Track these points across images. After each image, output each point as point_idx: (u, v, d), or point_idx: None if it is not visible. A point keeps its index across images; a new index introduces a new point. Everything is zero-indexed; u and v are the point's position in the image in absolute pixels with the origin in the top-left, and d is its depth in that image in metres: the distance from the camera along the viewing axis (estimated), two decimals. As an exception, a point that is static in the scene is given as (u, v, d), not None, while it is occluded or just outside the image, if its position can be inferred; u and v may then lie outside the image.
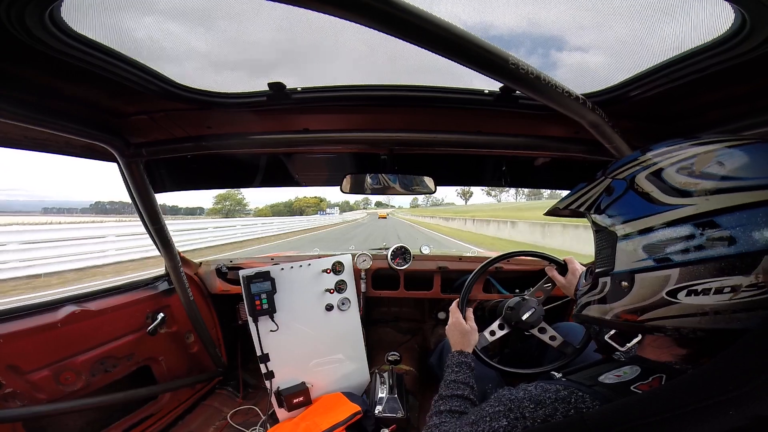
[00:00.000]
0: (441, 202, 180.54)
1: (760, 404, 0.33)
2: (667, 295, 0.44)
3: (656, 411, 0.38)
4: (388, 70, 0.90)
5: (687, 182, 0.44)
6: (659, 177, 0.47)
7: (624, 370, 0.52)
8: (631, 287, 0.48)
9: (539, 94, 0.66)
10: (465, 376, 0.90)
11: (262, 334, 1.51)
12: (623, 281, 0.49)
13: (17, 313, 1.18)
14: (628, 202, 0.49)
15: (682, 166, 0.45)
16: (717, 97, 0.82)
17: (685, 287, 0.42)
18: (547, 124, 1.06)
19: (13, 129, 0.93)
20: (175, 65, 0.83)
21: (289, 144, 1.19)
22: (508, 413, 0.52)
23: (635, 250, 0.47)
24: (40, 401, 1.17)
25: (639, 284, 0.47)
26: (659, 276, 0.44)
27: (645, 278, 0.46)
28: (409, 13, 0.46)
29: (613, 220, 0.51)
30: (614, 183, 0.52)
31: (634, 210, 0.48)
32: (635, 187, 0.49)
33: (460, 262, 2.04)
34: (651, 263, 0.45)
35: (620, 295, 0.50)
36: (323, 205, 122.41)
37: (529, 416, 0.49)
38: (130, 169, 1.22)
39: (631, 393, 0.46)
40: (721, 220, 0.40)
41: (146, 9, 0.68)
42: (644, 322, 0.47)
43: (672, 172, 0.46)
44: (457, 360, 0.95)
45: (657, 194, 0.46)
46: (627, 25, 0.72)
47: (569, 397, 0.48)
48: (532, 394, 0.52)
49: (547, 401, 0.49)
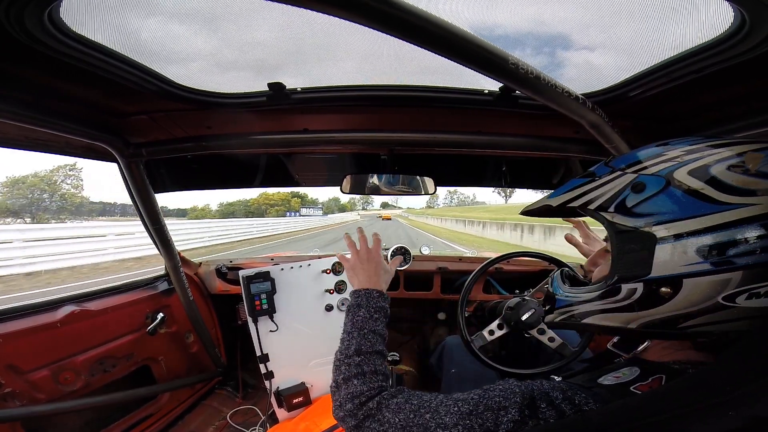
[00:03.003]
0: (471, 200, 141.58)
1: (758, 405, 0.33)
2: (723, 300, 0.41)
3: (656, 411, 0.37)
4: (388, 70, 0.90)
5: (746, 181, 0.41)
6: (706, 173, 0.43)
7: (623, 371, 0.51)
8: (676, 293, 0.43)
9: (539, 94, 0.66)
10: (382, 326, 0.73)
11: (261, 335, 1.51)
12: (664, 287, 0.44)
13: (17, 312, 1.18)
14: (672, 200, 0.44)
15: (733, 164, 0.42)
16: (717, 96, 0.82)
17: (746, 290, 0.40)
18: (547, 124, 1.06)
19: (13, 129, 0.93)
20: (175, 65, 0.83)
21: (288, 144, 1.19)
22: (523, 409, 0.47)
23: (685, 253, 0.42)
24: (39, 401, 1.17)
25: (688, 290, 0.42)
26: (716, 280, 0.41)
27: (697, 283, 0.42)
28: (408, 12, 0.46)
29: (647, 220, 0.45)
30: (643, 179, 0.47)
31: (682, 209, 0.43)
32: (678, 185, 0.44)
33: (460, 263, 2.04)
34: (707, 267, 0.41)
35: (658, 302, 0.45)
36: (295, 204, 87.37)
37: (542, 416, 0.46)
38: (130, 169, 1.22)
39: (631, 394, 0.46)
40: None
41: (146, 9, 0.68)
42: (687, 328, 0.44)
43: (722, 170, 0.42)
44: (377, 304, 0.74)
45: (710, 192, 0.42)
46: (627, 25, 0.72)
47: (573, 398, 0.47)
48: (544, 391, 0.48)
49: (556, 401, 0.47)
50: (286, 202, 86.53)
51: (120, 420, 1.48)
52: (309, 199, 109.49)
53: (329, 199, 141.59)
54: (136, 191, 1.29)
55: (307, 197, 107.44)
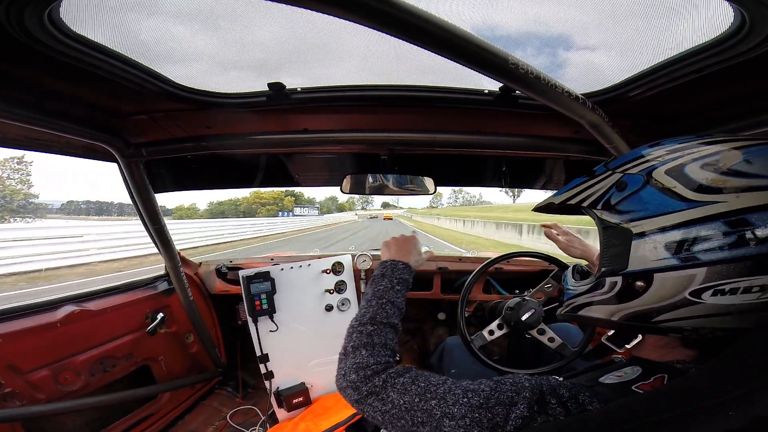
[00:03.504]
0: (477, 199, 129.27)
1: (759, 405, 0.33)
2: (690, 295, 0.42)
3: (657, 410, 0.37)
4: (388, 70, 0.90)
5: (715, 179, 0.42)
6: (681, 173, 0.44)
7: (625, 370, 0.51)
8: (648, 287, 0.45)
9: (539, 94, 0.66)
10: (402, 299, 0.72)
11: (261, 335, 1.51)
12: (638, 281, 0.46)
13: (16, 312, 1.18)
14: (647, 198, 0.46)
15: (707, 163, 0.43)
16: (717, 96, 0.82)
17: (711, 287, 0.41)
18: (547, 124, 1.06)
19: (14, 129, 0.93)
20: (174, 65, 0.83)
21: (288, 144, 1.19)
22: (532, 404, 0.46)
23: (655, 249, 0.44)
24: (39, 401, 1.17)
25: (658, 284, 0.44)
26: (682, 275, 0.42)
27: (666, 278, 0.44)
28: (408, 12, 0.46)
29: (626, 217, 0.48)
30: (626, 178, 0.49)
31: (654, 206, 0.45)
32: (654, 183, 0.46)
33: (460, 263, 2.04)
34: (674, 262, 0.43)
35: (634, 295, 0.47)
36: (288, 203, 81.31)
37: (552, 413, 0.46)
38: (130, 169, 1.22)
39: (632, 393, 0.45)
40: (753, 218, 0.39)
41: (146, 9, 0.68)
42: (659, 323, 0.45)
43: (696, 168, 0.43)
44: (401, 276, 0.75)
45: (680, 190, 0.43)
46: (627, 25, 0.72)
47: (578, 396, 0.47)
48: (552, 387, 0.48)
49: (563, 398, 0.47)
50: (279, 201, 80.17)
51: (120, 420, 1.47)
52: (305, 199, 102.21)
53: (326, 198, 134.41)
54: (136, 191, 1.29)
55: (302, 196, 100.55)
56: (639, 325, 0.48)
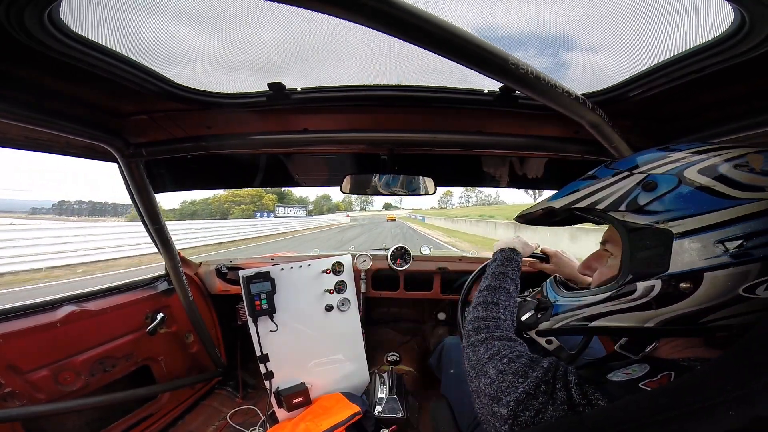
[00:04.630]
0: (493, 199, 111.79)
1: (759, 405, 0.33)
2: (744, 292, 0.42)
3: (662, 409, 0.37)
4: (388, 71, 0.90)
5: (753, 178, 0.43)
6: (716, 172, 0.45)
7: (633, 368, 0.51)
8: (696, 288, 0.44)
9: (539, 94, 0.66)
10: (513, 271, 0.85)
11: (261, 335, 1.51)
12: (683, 282, 0.45)
13: (16, 312, 1.18)
14: (686, 197, 0.46)
15: (738, 164, 0.45)
16: (717, 96, 0.82)
17: (765, 281, 0.41)
18: (547, 124, 1.06)
19: (14, 129, 0.93)
20: (175, 65, 0.83)
21: (288, 144, 1.19)
22: (539, 384, 0.48)
23: (704, 247, 0.43)
24: (39, 401, 1.17)
25: (709, 283, 0.43)
26: (736, 272, 0.42)
27: (718, 276, 0.43)
28: (408, 13, 0.46)
29: (662, 216, 0.47)
30: (654, 178, 0.49)
31: (695, 205, 0.45)
32: (689, 182, 0.46)
33: (460, 263, 2.04)
34: (727, 260, 0.42)
35: (678, 298, 0.45)
36: (268, 202, 70.14)
37: (553, 394, 0.47)
38: (130, 169, 1.22)
39: (639, 390, 0.45)
40: None
41: (146, 9, 0.68)
42: (708, 323, 0.44)
43: (729, 168, 0.44)
44: (508, 255, 0.89)
45: (721, 188, 0.44)
46: (627, 24, 0.72)
47: (583, 386, 0.47)
48: (564, 369, 0.50)
49: (570, 386, 0.48)
50: (257, 200, 70.09)
51: (120, 420, 1.47)
52: (294, 198, 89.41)
53: (319, 197, 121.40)
54: (136, 191, 1.29)
55: (291, 195, 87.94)
56: (681, 328, 0.47)
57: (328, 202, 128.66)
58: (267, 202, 71.44)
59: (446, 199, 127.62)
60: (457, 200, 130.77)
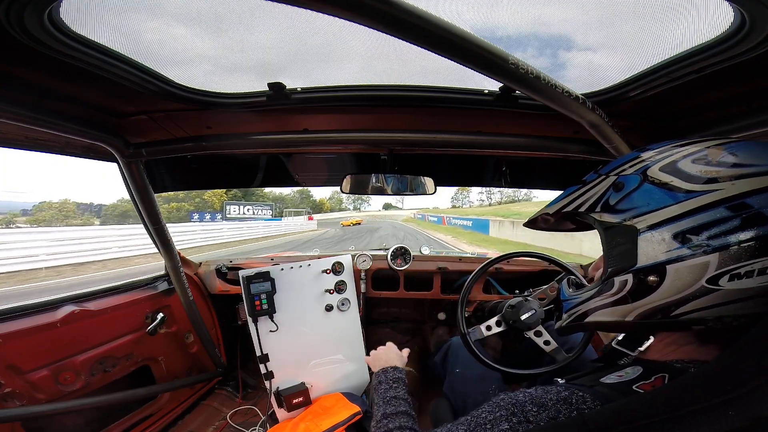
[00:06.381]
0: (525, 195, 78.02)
1: (760, 405, 0.33)
2: (707, 283, 0.42)
3: (658, 411, 0.37)
4: (388, 71, 0.90)
5: (708, 170, 0.44)
6: (675, 168, 0.47)
7: (626, 370, 0.51)
8: (662, 280, 0.45)
9: (539, 94, 0.66)
10: (403, 392, 0.89)
11: (261, 335, 1.51)
12: (651, 275, 0.46)
13: (16, 312, 1.18)
14: (646, 193, 0.48)
15: (697, 158, 0.46)
16: (717, 96, 0.82)
17: (727, 272, 0.41)
18: (547, 124, 1.06)
19: (14, 129, 0.93)
20: (175, 65, 0.83)
21: (288, 144, 1.19)
22: (511, 417, 0.49)
23: (663, 241, 0.45)
24: (39, 401, 1.17)
25: (672, 276, 0.45)
26: (696, 264, 0.43)
27: (679, 268, 0.44)
28: (408, 13, 0.47)
29: (628, 214, 0.49)
30: (622, 179, 0.52)
31: (655, 201, 0.47)
32: (650, 180, 0.48)
33: (460, 263, 2.04)
34: (685, 251, 0.44)
35: (648, 291, 0.47)
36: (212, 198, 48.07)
37: (533, 419, 0.48)
38: (130, 169, 1.22)
39: (633, 393, 0.46)
40: (752, 201, 0.41)
41: (146, 10, 0.68)
42: (680, 316, 0.45)
43: (688, 163, 0.46)
44: (393, 376, 0.93)
45: (678, 183, 0.46)
46: (627, 24, 0.72)
47: (570, 398, 0.47)
48: (533, 397, 0.50)
49: (549, 403, 0.48)
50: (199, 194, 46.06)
51: (120, 420, 1.47)
52: (262, 194, 62.70)
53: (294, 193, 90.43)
54: (136, 191, 1.29)
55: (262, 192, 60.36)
56: (658, 321, 0.48)
57: (308, 199, 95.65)
58: (211, 198, 48.55)
59: (462, 196, 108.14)
60: (476, 197, 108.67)
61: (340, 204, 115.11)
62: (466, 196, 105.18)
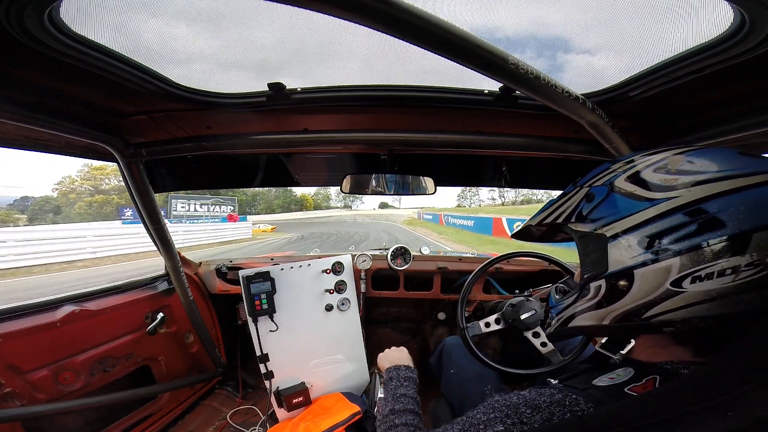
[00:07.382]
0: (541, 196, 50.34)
1: (758, 405, 0.33)
2: (671, 286, 0.44)
3: (652, 413, 0.38)
4: (388, 71, 0.90)
5: (667, 178, 0.47)
6: (638, 178, 0.50)
7: (617, 372, 0.52)
8: (631, 285, 0.48)
9: (539, 94, 0.66)
10: (413, 391, 0.90)
11: (261, 334, 1.51)
12: (621, 280, 0.49)
13: (16, 312, 1.18)
14: (613, 203, 0.51)
15: (658, 167, 0.49)
16: (717, 96, 0.82)
17: (689, 275, 0.43)
18: (547, 124, 1.06)
19: (14, 129, 0.93)
20: (175, 65, 0.83)
21: (288, 144, 1.19)
22: (505, 419, 0.51)
23: (629, 247, 0.48)
24: (39, 401, 1.17)
25: (640, 280, 0.47)
26: (660, 268, 0.45)
27: (645, 273, 0.46)
28: (408, 13, 0.47)
29: (599, 223, 0.52)
30: (593, 190, 0.55)
31: (621, 209, 0.50)
32: (617, 190, 0.51)
33: (460, 263, 2.04)
34: (649, 256, 0.46)
35: (619, 295, 0.49)
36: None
37: (527, 421, 0.49)
38: (130, 169, 1.22)
39: (625, 395, 0.46)
40: (708, 206, 0.43)
41: (146, 9, 0.68)
42: (650, 318, 0.47)
43: (650, 173, 0.49)
44: (405, 374, 0.95)
45: (640, 192, 0.49)
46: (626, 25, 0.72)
47: (563, 400, 0.48)
48: (527, 399, 0.51)
49: (543, 405, 0.49)
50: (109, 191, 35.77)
51: (120, 420, 1.48)
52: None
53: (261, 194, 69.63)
54: (136, 191, 1.29)
55: None
56: (631, 324, 0.50)
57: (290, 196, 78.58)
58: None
59: (471, 194, 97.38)
60: (486, 195, 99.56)
61: (326, 200, 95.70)
62: (475, 194, 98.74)
